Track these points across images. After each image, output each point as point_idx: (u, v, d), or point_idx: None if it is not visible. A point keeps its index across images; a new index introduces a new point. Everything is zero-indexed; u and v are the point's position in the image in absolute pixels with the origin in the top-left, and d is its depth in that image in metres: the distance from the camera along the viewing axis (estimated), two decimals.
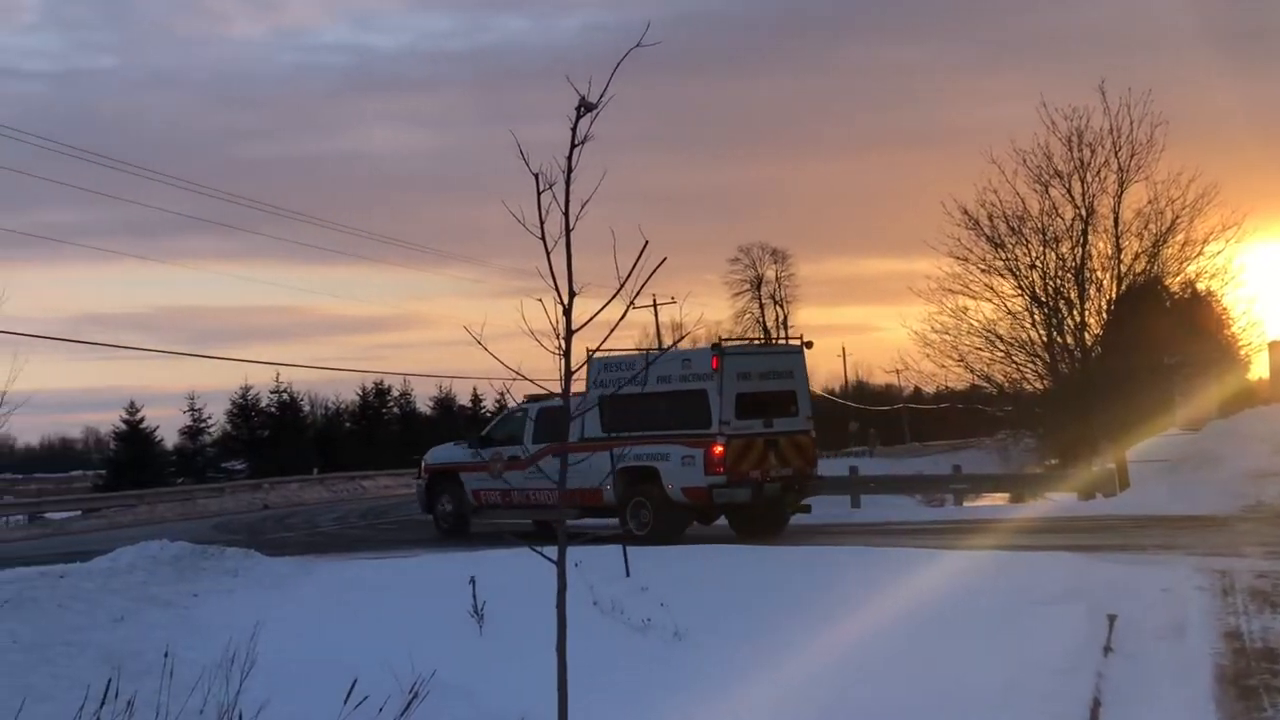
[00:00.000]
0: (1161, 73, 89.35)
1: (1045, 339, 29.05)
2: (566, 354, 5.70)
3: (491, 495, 21.55)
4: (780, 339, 24.65)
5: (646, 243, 5.52)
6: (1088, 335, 28.58)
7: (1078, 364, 28.63)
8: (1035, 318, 29.06)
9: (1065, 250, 28.38)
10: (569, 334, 5.64)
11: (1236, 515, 18.79)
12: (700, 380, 18.48)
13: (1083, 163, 27.82)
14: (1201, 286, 29.87)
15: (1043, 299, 28.70)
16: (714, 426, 18.39)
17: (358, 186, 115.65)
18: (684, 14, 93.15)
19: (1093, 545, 15.08)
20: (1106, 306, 28.46)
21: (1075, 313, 28.48)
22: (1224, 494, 20.44)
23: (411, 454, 31.06)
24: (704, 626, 10.06)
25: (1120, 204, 27.82)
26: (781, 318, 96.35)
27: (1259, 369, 36.39)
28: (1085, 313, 28.42)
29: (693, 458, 18.50)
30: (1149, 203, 27.66)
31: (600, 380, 19.02)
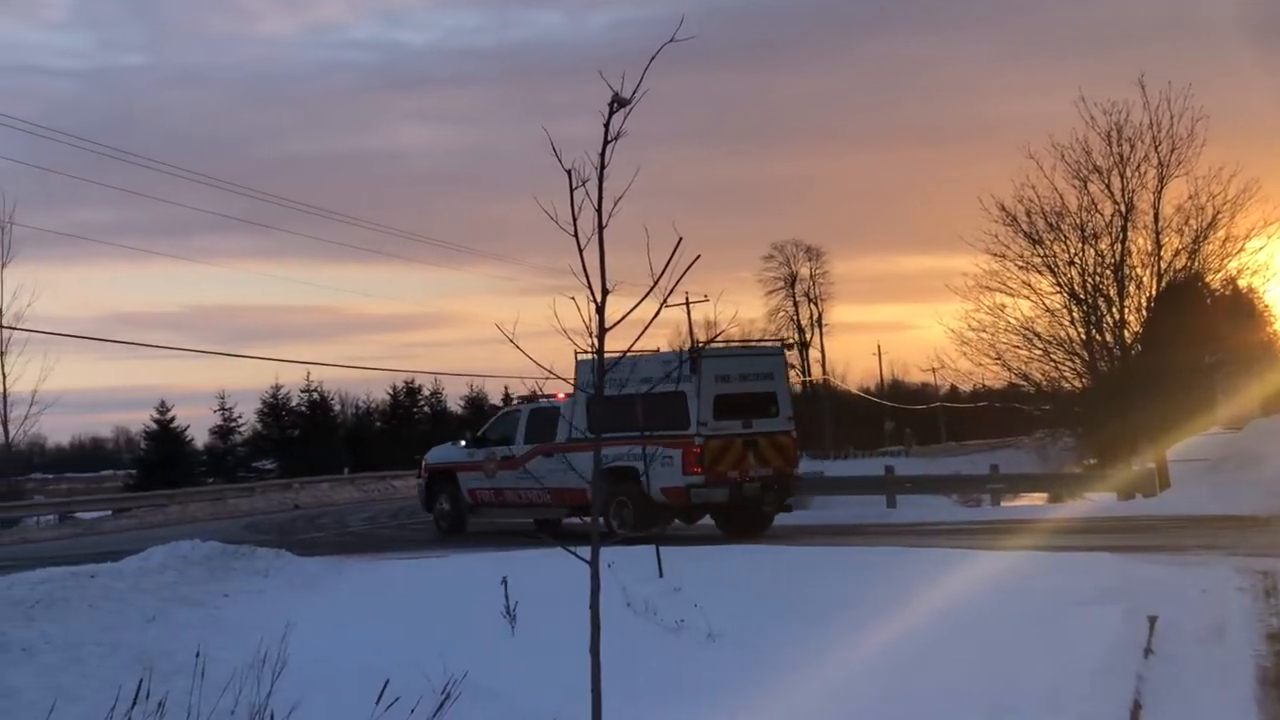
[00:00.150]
0: (1202, 66, 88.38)
1: (1084, 337, 28.78)
2: (600, 352, 5.66)
3: (486, 495, 21.97)
4: (763, 340, 24.70)
5: (680, 239, 5.47)
6: (1127, 333, 28.29)
7: (1117, 362, 28.34)
8: (1074, 315, 28.79)
9: (1104, 246, 28.09)
10: (602, 332, 5.60)
11: (1278, 515, 18.54)
12: (679, 382, 18.62)
13: (1122, 158, 27.53)
14: (1243, 283, 29.49)
15: (1081, 296, 28.42)
16: (692, 427, 18.74)
17: (388, 184, 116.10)
18: (716, 8, 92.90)
19: (1132, 546, 14.91)
20: (1146, 303, 28.15)
21: (1114, 310, 28.20)
22: (1266, 494, 20.20)
23: None
24: (738, 628, 9.99)
25: (1160, 199, 27.52)
26: (816, 316, 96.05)
27: None
28: (1125, 310, 28.13)
29: (671, 458, 18.81)
30: (1189, 198, 27.35)
31: (588, 382, 19.04)
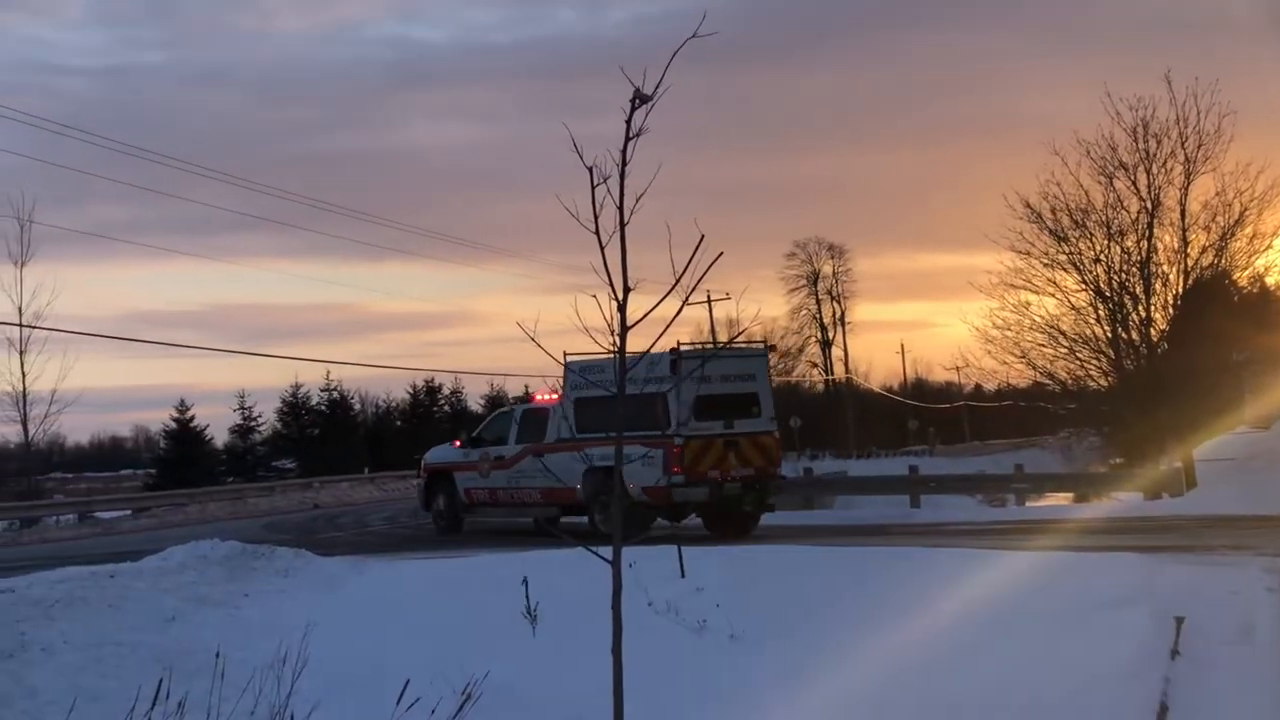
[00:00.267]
0: (1229, 61, 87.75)
1: (1110, 335, 28.58)
2: (621, 351, 5.62)
3: (481, 494, 22.30)
4: (745, 341, 24.94)
5: (702, 237, 5.42)
6: (1153, 331, 28.08)
7: (1143, 360, 28.14)
8: (1099, 313, 28.59)
9: (1130, 244, 27.88)
10: (623, 330, 5.56)
11: None
12: (660, 383, 18.84)
13: (1148, 154, 27.32)
14: (1271, 280, 29.36)
15: (1107, 294, 28.22)
16: (672, 427, 19.05)
17: (408, 182, 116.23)
18: (737, 3, 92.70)
19: (1159, 546, 14.76)
20: (1173, 301, 27.94)
21: (1140, 308, 27.99)
22: None
23: None
24: (760, 628, 9.93)
25: (1187, 196, 27.28)
26: (839, 314, 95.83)
27: None
28: (1151, 308, 27.92)
29: (653, 458, 19.10)
30: (1216, 195, 27.11)
31: (577, 383, 19.93)
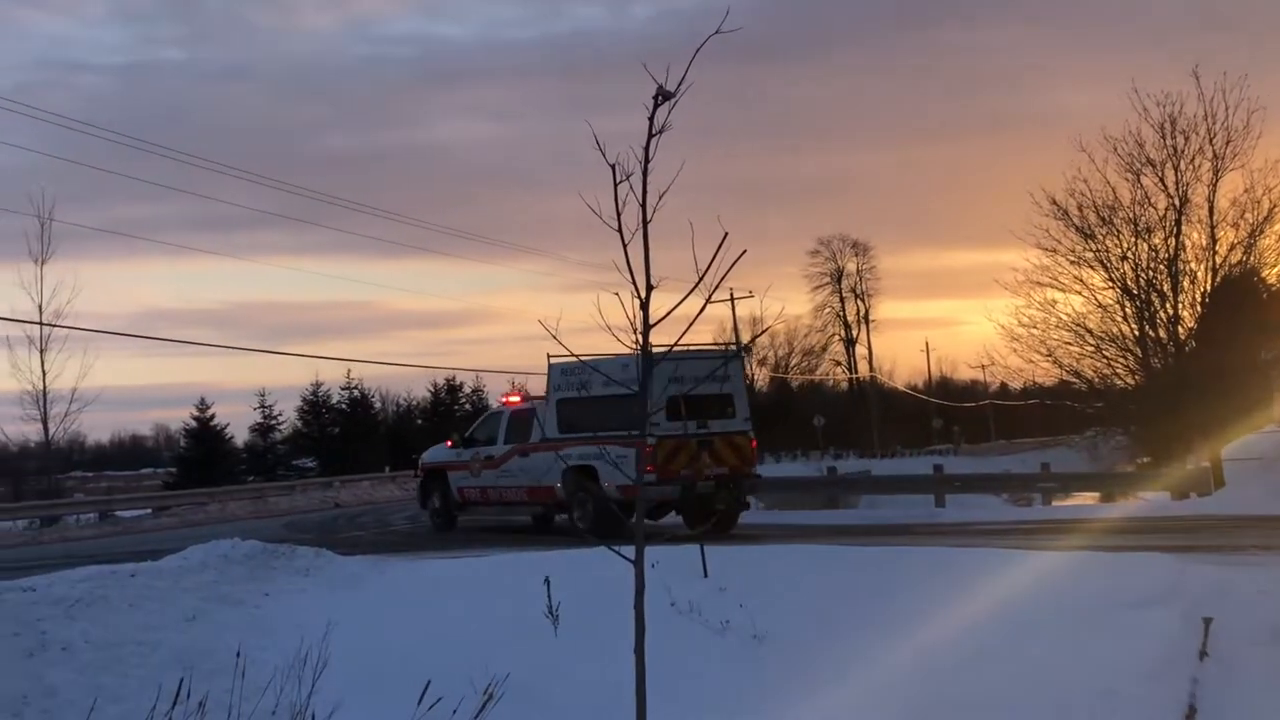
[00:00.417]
0: (1258, 56, 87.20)
1: (1137, 333, 28.43)
2: (645, 349, 5.59)
3: (472, 493, 22.90)
4: (720, 343, 25.39)
5: (726, 234, 5.38)
6: (1181, 329, 27.91)
7: (1171, 359, 27.98)
8: (1126, 311, 28.45)
9: (1158, 241, 27.75)
10: (646, 328, 5.53)
11: None
12: (634, 384, 18.77)
13: (1176, 150, 27.18)
14: None
15: (1134, 291, 28.07)
16: (645, 427, 19.00)
17: (429, 179, 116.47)
18: None
19: (1186, 546, 14.65)
20: (1201, 299, 27.77)
21: (1168, 306, 27.83)
22: None
23: None
24: (784, 628, 9.87)
25: (1215, 193, 27.16)
26: (863, 312, 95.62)
27: None
28: (1179, 306, 27.76)
29: (627, 456, 19.26)
30: (1245, 191, 26.97)
31: (560, 384, 20.67)
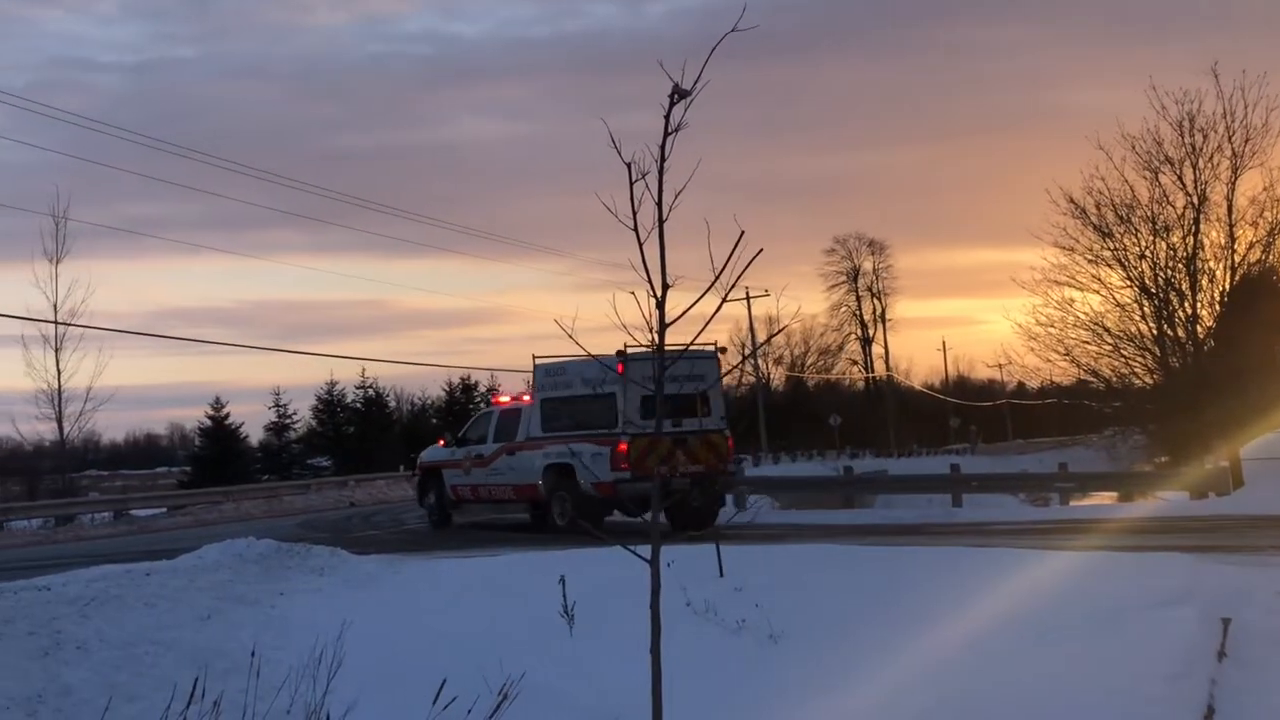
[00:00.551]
0: (1278, 54, 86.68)
1: (1155, 332, 28.32)
2: (660, 348, 5.57)
3: (465, 491, 23.42)
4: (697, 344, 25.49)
5: (742, 233, 5.36)
6: (1199, 328, 27.79)
7: (1189, 358, 27.86)
8: (1145, 310, 28.36)
9: (1176, 240, 27.66)
10: (662, 327, 5.51)
11: None
12: (609, 384, 19.94)
13: (1194, 148, 27.09)
14: None
15: (1152, 290, 27.96)
16: (619, 426, 20.00)
17: (443, 177, 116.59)
18: None
19: (1205, 546, 14.57)
20: (1219, 298, 27.66)
21: (1186, 304, 27.72)
22: None
23: None
24: (800, 628, 9.85)
25: (1234, 191, 27.08)
26: (879, 310, 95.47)
27: None
28: (1197, 304, 27.66)
29: (601, 455, 20.11)
30: (1264, 189, 26.89)
31: (544, 384, 21.46)
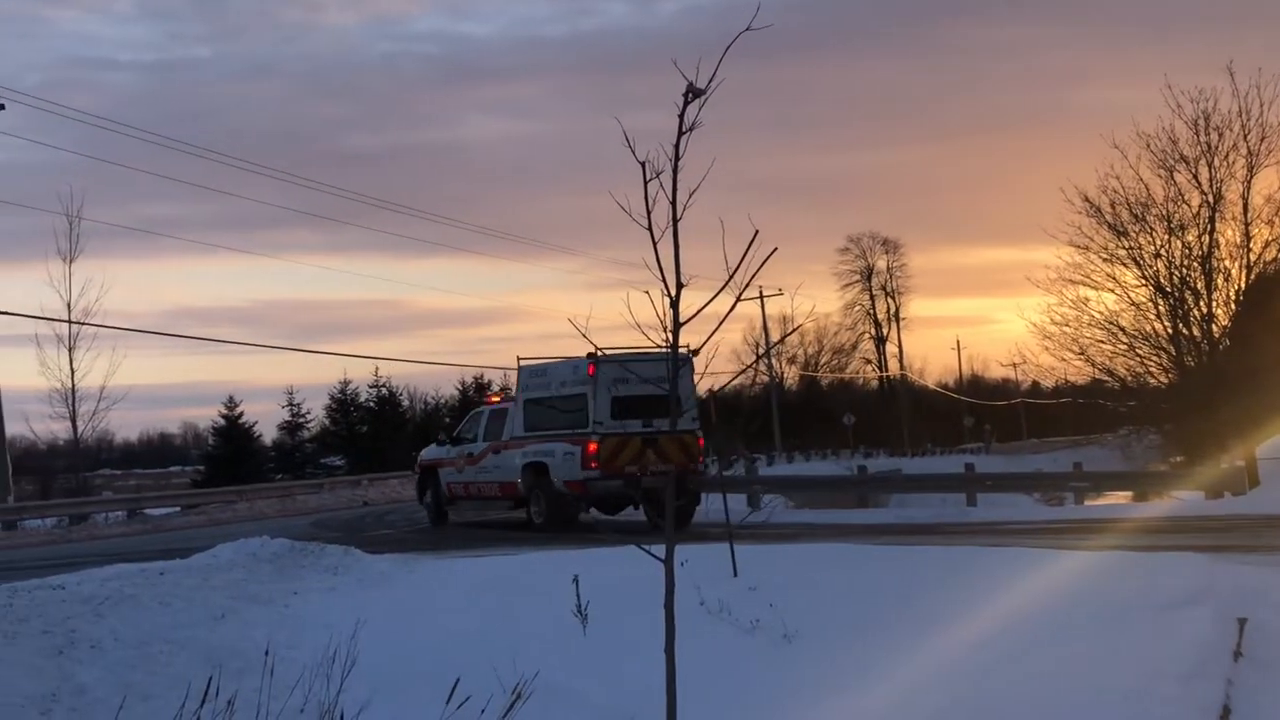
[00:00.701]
0: None
1: (1170, 331, 28.22)
2: (674, 348, 5.56)
3: (458, 489, 24.06)
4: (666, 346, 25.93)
5: (756, 232, 5.37)
6: (1215, 327, 27.69)
7: (1204, 357, 27.76)
8: (1160, 309, 28.27)
9: (1191, 238, 27.56)
10: (676, 327, 5.50)
11: None
12: (581, 385, 20.82)
13: (1210, 147, 27.00)
14: None
15: (1168, 289, 27.87)
16: (589, 426, 20.62)
17: (455, 177, 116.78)
18: None
19: (1220, 546, 14.52)
20: (1235, 297, 27.55)
21: (1202, 303, 27.62)
22: None
23: None
24: (814, 628, 9.82)
25: (1249, 189, 26.99)
26: (893, 309, 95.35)
27: None
28: (1212, 303, 27.56)
29: (573, 454, 20.79)
30: None
31: (526, 385, 22.14)
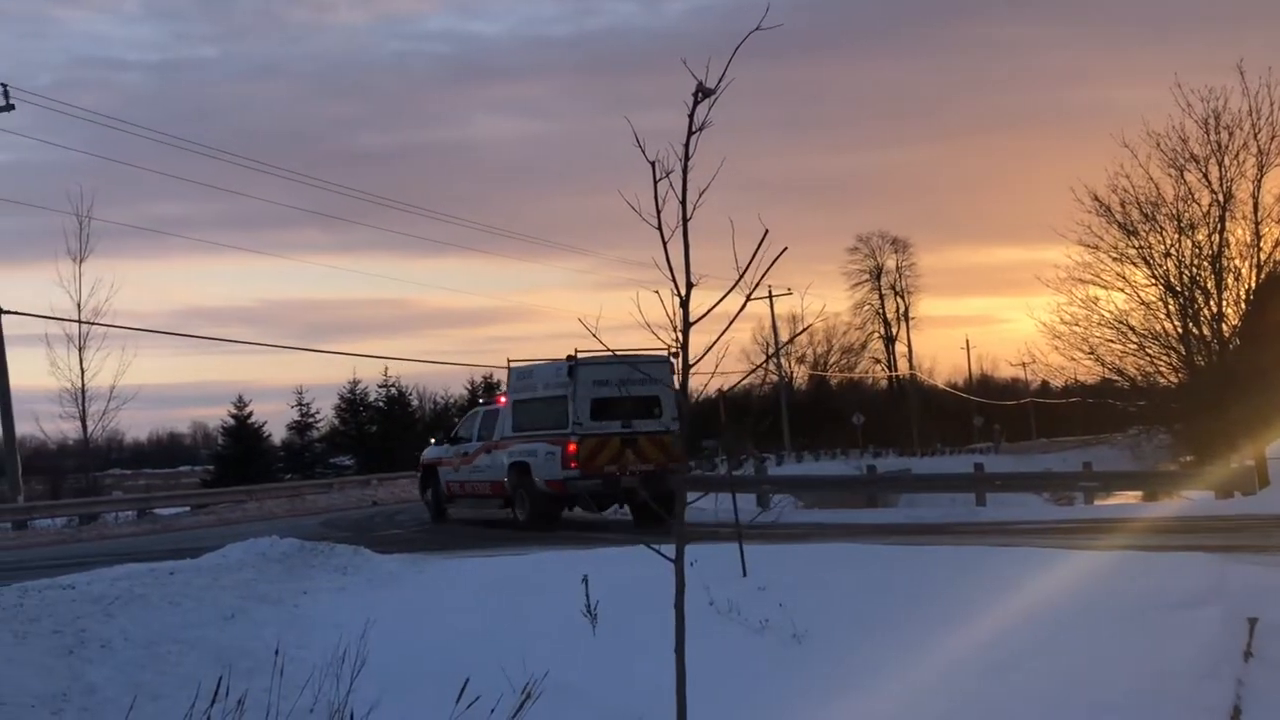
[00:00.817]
0: None
1: (1180, 330, 28.12)
2: (684, 348, 5.56)
3: (455, 487, 24.64)
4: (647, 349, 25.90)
5: (766, 232, 5.37)
6: (1225, 326, 27.58)
7: (1214, 356, 27.65)
8: (1170, 308, 28.16)
9: (1201, 237, 27.43)
10: (686, 327, 5.50)
11: None
12: (562, 387, 21.39)
13: (1220, 145, 26.86)
14: None
15: (1178, 289, 27.77)
16: (569, 427, 21.13)
17: (464, 176, 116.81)
18: None
19: (1230, 545, 14.47)
20: (1245, 296, 27.43)
21: (1212, 303, 27.50)
22: None
23: None
24: (824, 628, 9.81)
25: (1260, 189, 26.81)
26: (902, 309, 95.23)
27: None
28: (1223, 303, 27.43)
29: (554, 454, 21.32)
30: None
31: (515, 386, 22.69)
